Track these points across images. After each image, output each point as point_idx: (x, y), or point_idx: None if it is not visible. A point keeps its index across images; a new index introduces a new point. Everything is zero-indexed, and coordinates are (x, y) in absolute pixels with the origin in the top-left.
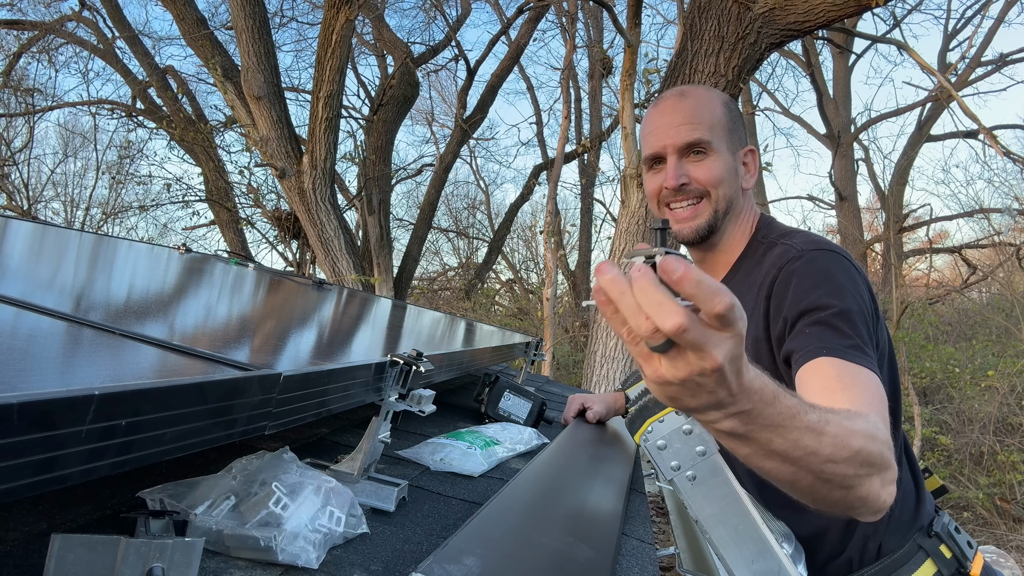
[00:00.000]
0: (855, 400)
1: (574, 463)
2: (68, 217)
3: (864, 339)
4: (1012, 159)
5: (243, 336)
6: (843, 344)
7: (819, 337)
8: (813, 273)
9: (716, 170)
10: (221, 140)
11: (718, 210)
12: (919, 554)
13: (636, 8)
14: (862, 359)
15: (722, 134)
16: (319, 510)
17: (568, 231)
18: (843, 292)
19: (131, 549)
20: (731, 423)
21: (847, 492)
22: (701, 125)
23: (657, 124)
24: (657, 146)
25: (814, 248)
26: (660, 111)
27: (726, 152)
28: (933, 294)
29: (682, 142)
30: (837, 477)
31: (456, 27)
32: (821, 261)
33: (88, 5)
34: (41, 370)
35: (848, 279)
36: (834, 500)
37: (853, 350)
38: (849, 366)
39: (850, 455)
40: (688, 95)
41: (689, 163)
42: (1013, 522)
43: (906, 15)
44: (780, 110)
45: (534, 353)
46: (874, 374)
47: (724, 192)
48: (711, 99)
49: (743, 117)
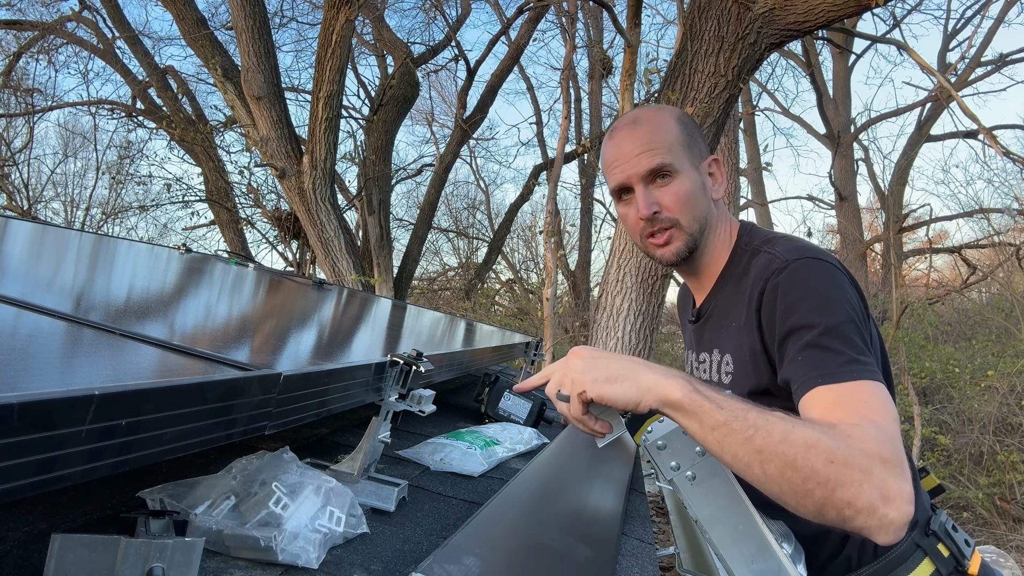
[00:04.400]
0: (850, 419)
1: (574, 463)
2: (68, 217)
3: (858, 348)
4: (1012, 159)
5: (243, 336)
6: (836, 365)
7: (812, 364)
8: (796, 286)
9: (683, 192)
10: (221, 140)
11: (692, 233)
12: (917, 552)
13: (636, 8)
14: (858, 372)
15: (682, 152)
16: (319, 510)
17: (568, 231)
18: (829, 305)
19: (131, 549)
20: (680, 384)
21: (827, 491)
22: (660, 149)
23: (616, 155)
24: (621, 178)
25: (796, 257)
26: (616, 142)
27: (690, 169)
28: (933, 294)
29: (644, 170)
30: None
31: (456, 27)
32: (803, 272)
33: (88, 5)
34: (41, 370)
35: (833, 287)
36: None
37: (847, 367)
38: (845, 387)
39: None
40: (641, 121)
41: (656, 189)
42: (1013, 522)
43: (906, 15)
44: (780, 110)
45: (534, 353)
46: (873, 382)
47: (694, 215)
48: (664, 119)
49: (699, 128)
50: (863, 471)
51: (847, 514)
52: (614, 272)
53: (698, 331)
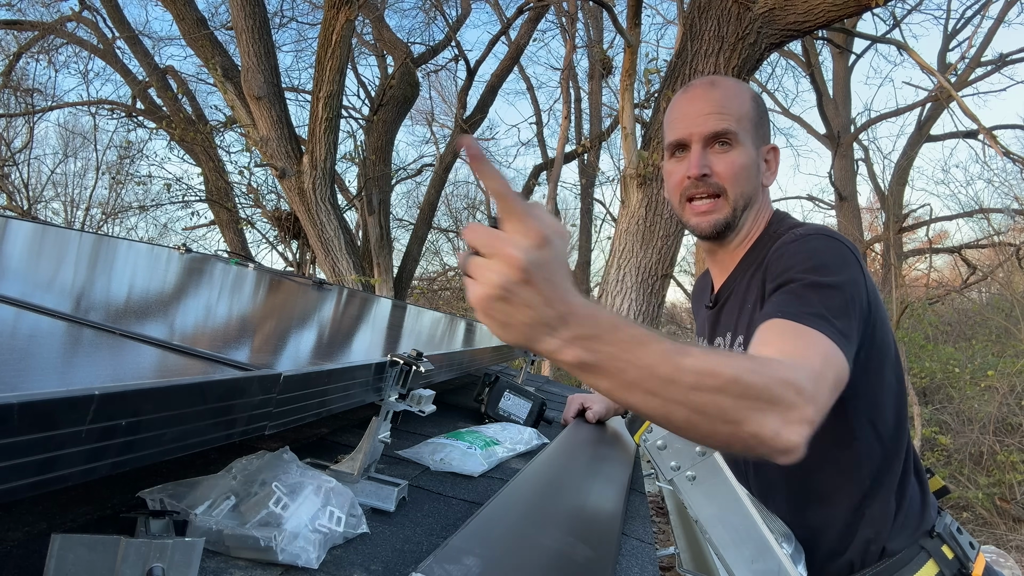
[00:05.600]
0: (783, 352)
1: (574, 463)
2: (68, 217)
3: (836, 311)
4: (1012, 159)
5: (243, 336)
6: (803, 310)
7: (780, 303)
8: (801, 250)
9: (738, 164)
10: (221, 140)
11: (736, 208)
12: (921, 555)
13: (636, 8)
14: (820, 325)
15: (749, 127)
16: (319, 510)
17: (568, 231)
18: (826, 268)
19: (131, 549)
20: (574, 351)
21: (734, 427)
22: (729, 116)
23: (685, 111)
24: (683, 133)
25: (814, 232)
26: (689, 98)
27: (750, 146)
28: (933, 294)
29: (709, 131)
30: (712, 408)
31: (456, 27)
32: (814, 242)
33: (88, 5)
34: (41, 370)
35: (838, 259)
36: (723, 437)
37: (813, 317)
38: (798, 327)
39: (721, 384)
40: (718, 84)
41: (713, 154)
42: (1013, 522)
43: (906, 15)
44: (780, 110)
45: (534, 353)
46: (828, 339)
47: (742, 189)
48: (741, 91)
49: (767, 113)
50: (772, 398)
51: (751, 443)
52: (614, 272)
53: (714, 316)
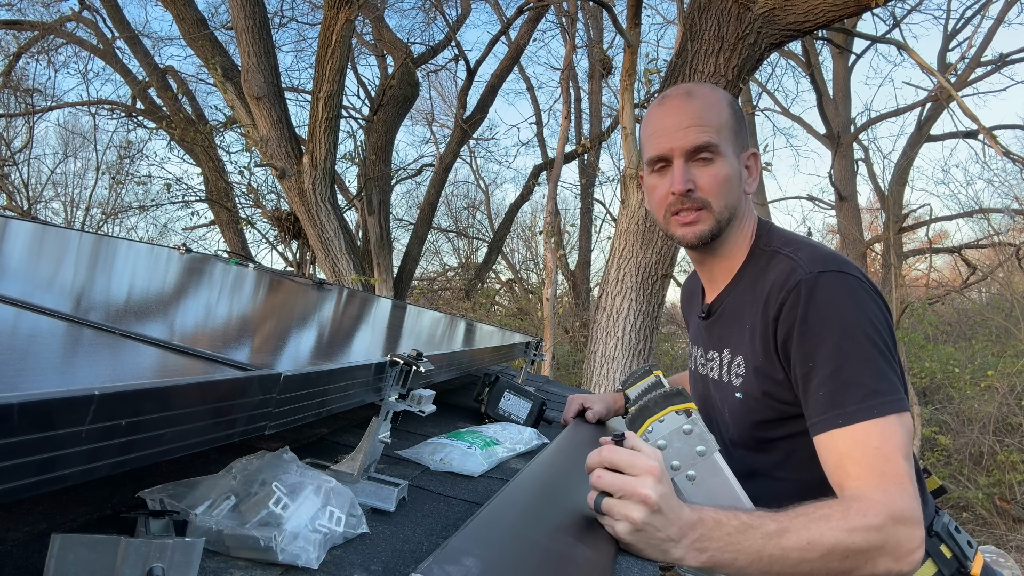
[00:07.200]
0: (863, 476)
1: (574, 463)
2: (68, 217)
3: (879, 374)
4: (1012, 159)
5: (243, 336)
6: (853, 402)
7: (829, 400)
8: (818, 308)
9: (722, 176)
10: (221, 140)
11: (721, 219)
12: None
13: (636, 8)
14: (875, 408)
15: (729, 136)
16: (319, 510)
17: (568, 231)
18: (851, 331)
19: (131, 549)
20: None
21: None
22: (709, 127)
23: (664, 124)
24: (663, 148)
25: (820, 270)
26: (666, 111)
27: (732, 156)
28: (933, 294)
29: (690, 145)
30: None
31: (456, 27)
32: (826, 292)
33: (88, 5)
34: (41, 370)
35: (858, 310)
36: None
37: (863, 403)
38: (857, 431)
39: (824, 553)
40: (695, 95)
41: (696, 167)
42: (1013, 522)
43: (906, 15)
44: (780, 110)
45: (534, 353)
46: (887, 417)
47: (727, 201)
48: (718, 100)
49: (745, 118)
50: (878, 547)
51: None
52: (614, 272)
53: (708, 328)
